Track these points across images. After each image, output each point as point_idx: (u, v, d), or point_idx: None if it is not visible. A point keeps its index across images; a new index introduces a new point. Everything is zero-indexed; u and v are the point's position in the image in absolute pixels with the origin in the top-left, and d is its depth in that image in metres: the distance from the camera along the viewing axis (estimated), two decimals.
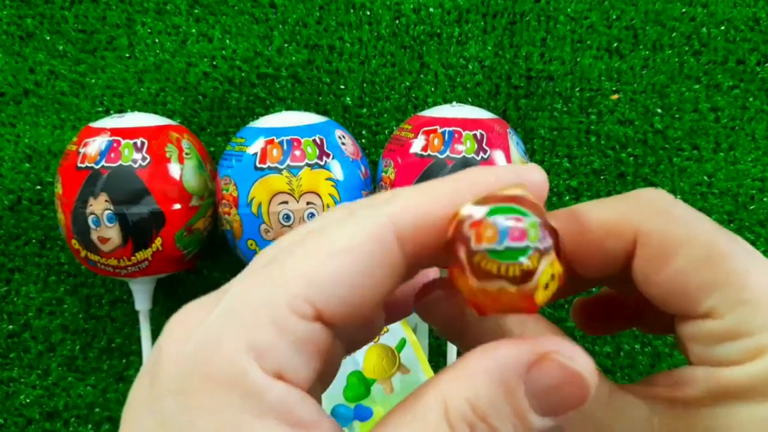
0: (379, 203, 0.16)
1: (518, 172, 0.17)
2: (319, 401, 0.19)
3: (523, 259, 0.15)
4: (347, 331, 0.18)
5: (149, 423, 0.14)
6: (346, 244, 0.15)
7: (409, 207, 0.16)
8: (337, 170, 0.38)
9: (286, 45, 0.46)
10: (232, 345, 0.14)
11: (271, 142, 0.37)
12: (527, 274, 0.15)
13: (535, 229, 0.15)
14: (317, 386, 0.18)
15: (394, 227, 0.16)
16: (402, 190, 0.17)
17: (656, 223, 0.17)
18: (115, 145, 0.38)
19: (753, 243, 0.44)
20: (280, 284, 0.15)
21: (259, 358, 0.14)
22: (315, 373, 0.15)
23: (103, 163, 0.37)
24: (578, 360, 0.15)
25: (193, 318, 0.15)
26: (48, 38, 0.47)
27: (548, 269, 0.15)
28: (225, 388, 0.14)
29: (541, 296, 0.15)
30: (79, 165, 0.38)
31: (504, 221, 0.15)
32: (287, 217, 0.37)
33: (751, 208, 0.44)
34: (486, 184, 0.16)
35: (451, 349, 0.43)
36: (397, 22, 0.46)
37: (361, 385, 0.39)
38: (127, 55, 0.47)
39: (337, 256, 0.15)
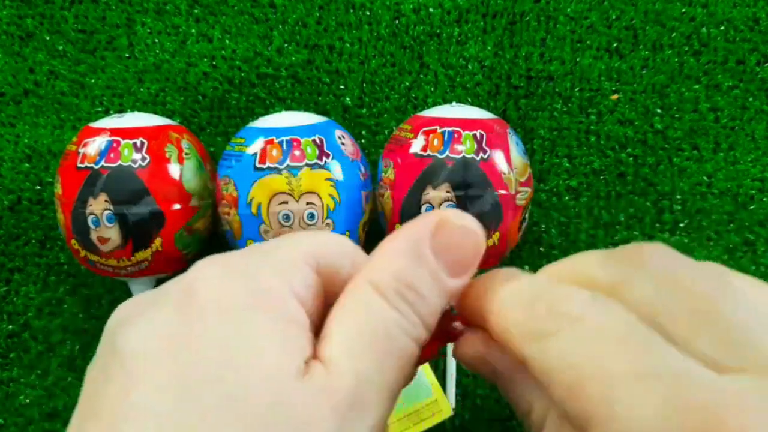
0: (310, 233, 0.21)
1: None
2: None
3: None
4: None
5: (205, 334, 0.16)
6: (338, 237, 0.20)
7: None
8: (336, 170, 0.38)
9: (285, 45, 0.46)
10: (268, 274, 0.17)
11: (271, 142, 0.37)
12: None
13: None
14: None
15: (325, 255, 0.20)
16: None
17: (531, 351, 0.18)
18: (114, 145, 0.38)
19: (753, 243, 0.44)
20: (293, 245, 0.19)
21: (290, 286, 0.17)
22: (317, 316, 0.19)
23: (102, 163, 0.37)
24: (468, 220, 0.19)
25: (222, 262, 0.18)
26: (48, 38, 0.47)
27: None
28: (268, 301, 0.17)
29: None
30: (79, 165, 0.38)
31: None
32: (287, 218, 0.37)
33: (751, 208, 0.44)
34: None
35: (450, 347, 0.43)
36: (397, 22, 0.46)
37: None
38: (127, 55, 0.47)
39: (334, 239, 0.20)
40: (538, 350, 0.16)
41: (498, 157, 0.37)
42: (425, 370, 0.41)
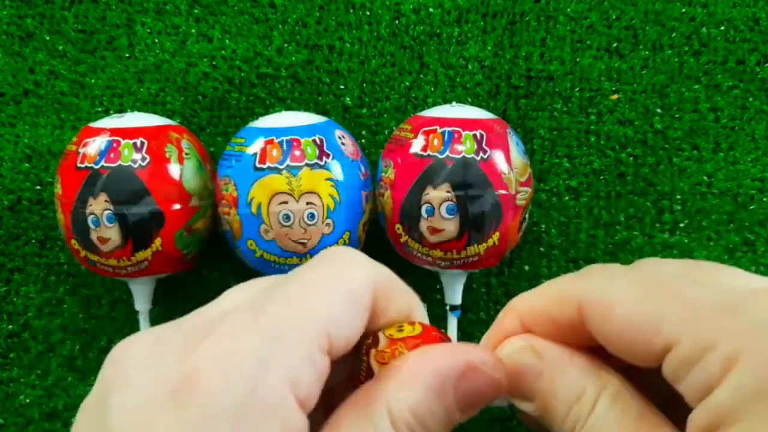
0: (361, 262, 0.19)
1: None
2: None
3: None
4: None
5: None
6: (348, 288, 0.18)
7: (385, 277, 0.20)
8: (336, 170, 0.38)
9: (285, 45, 0.46)
10: (277, 381, 0.16)
11: (271, 142, 0.37)
12: None
13: None
14: None
15: (375, 288, 0.19)
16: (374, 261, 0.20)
17: (593, 284, 0.19)
18: (114, 145, 0.38)
19: (753, 243, 0.44)
20: (307, 317, 0.17)
21: (295, 389, 0.16)
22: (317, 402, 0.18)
23: (102, 163, 0.37)
24: (499, 369, 0.19)
25: (228, 343, 0.16)
26: (48, 38, 0.47)
27: None
28: (270, 418, 0.15)
29: None
30: (79, 165, 0.38)
31: None
32: (287, 218, 0.37)
33: (751, 208, 0.44)
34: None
35: None
36: (397, 22, 0.46)
37: None
38: (127, 55, 0.47)
39: (343, 301, 0.18)
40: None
41: (498, 157, 0.37)
42: None
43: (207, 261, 0.46)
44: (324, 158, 0.37)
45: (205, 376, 0.15)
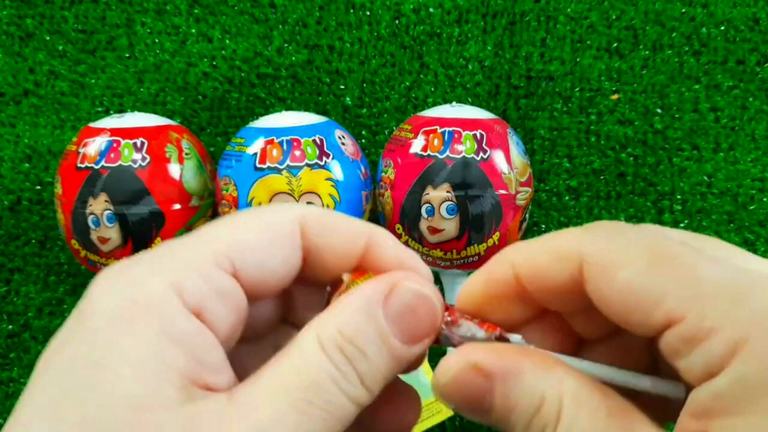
0: (288, 205, 0.20)
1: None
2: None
3: None
4: (259, 307, 0.21)
5: (78, 347, 0.16)
6: (269, 219, 0.18)
7: (319, 212, 0.19)
8: (336, 170, 0.38)
9: (286, 45, 0.46)
10: (157, 281, 0.16)
11: (271, 142, 0.37)
12: None
13: None
14: (239, 349, 0.20)
15: (304, 223, 0.19)
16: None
17: (597, 242, 0.18)
18: (114, 145, 0.38)
19: (753, 243, 0.44)
20: (206, 242, 0.17)
21: (180, 294, 0.16)
22: (231, 328, 0.18)
23: (102, 163, 0.37)
24: (426, 287, 0.18)
25: (119, 268, 0.17)
26: (48, 38, 0.47)
27: None
28: (147, 314, 0.16)
29: None
30: (79, 165, 0.38)
31: None
32: None
33: (751, 208, 0.44)
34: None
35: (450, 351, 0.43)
36: (397, 22, 0.46)
37: None
38: (127, 55, 0.47)
39: (257, 229, 0.18)
40: None
41: (498, 157, 0.37)
42: (425, 370, 0.41)
43: None
44: (324, 158, 0.37)
45: (95, 288, 0.17)
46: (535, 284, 0.19)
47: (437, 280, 0.42)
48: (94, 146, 0.38)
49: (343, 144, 0.39)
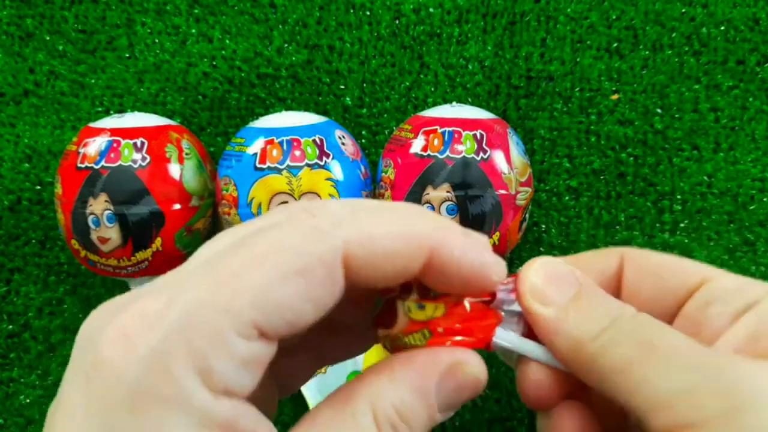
0: (333, 222, 0.17)
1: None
2: (272, 398, 0.21)
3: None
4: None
5: None
6: (299, 266, 0.16)
7: (364, 235, 0.17)
8: (337, 170, 0.38)
9: (286, 45, 0.46)
10: (181, 369, 0.15)
11: (271, 142, 0.37)
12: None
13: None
14: (269, 385, 0.20)
15: (345, 253, 0.16)
16: (358, 211, 0.17)
17: (634, 250, 0.23)
18: (114, 145, 0.38)
19: (753, 243, 0.44)
20: (230, 309, 0.15)
21: (207, 380, 0.15)
22: (258, 383, 0.16)
23: (102, 163, 0.37)
24: (482, 370, 0.19)
25: (134, 321, 0.15)
26: (48, 38, 0.47)
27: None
28: (174, 409, 0.15)
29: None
30: (79, 165, 0.38)
31: None
32: None
33: (751, 208, 0.44)
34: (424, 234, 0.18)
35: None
36: (397, 22, 0.46)
37: None
38: (127, 55, 0.47)
39: (288, 281, 0.16)
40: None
41: (498, 157, 0.37)
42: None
43: None
44: (324, 158, 0.37)
45: (108, 362, 0.15)
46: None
47: None
48: (94, 146, 0.38)
49: (343, 144, 0.39)
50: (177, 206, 0.38)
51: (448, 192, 0.37)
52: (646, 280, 0.21)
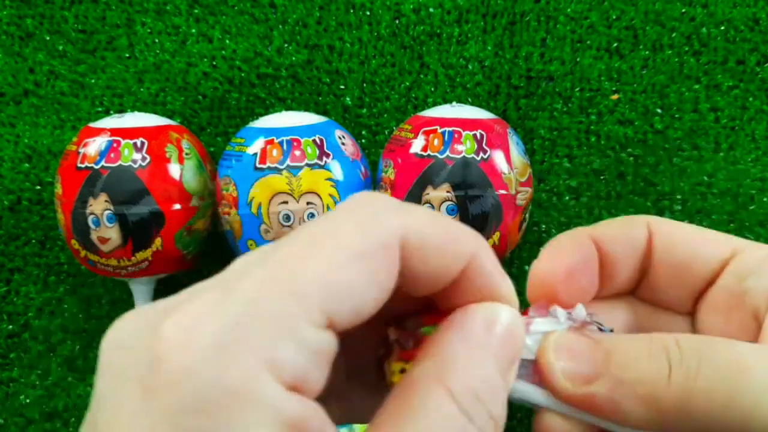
0: (387, 209, 0.16)
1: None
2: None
3: None
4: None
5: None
6: (361, 249, 0.15)
7: (419, 224, 0.16)
8: (337, 170, 0.38)
9: (286, 45, 0.46)
10: (249, 361, 0.14)
11: (271, 142, 0.37)
12: None
13: None
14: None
15: (401, 240, 0.16)
16: (407, 204, 0.17)
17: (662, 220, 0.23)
18: (114, 145, 0.38)
19: None
20: (297, 292, 0.14)
21: (276, 373, 0.14)
22: (325, 380, 0.15)
23: (102, 163, 0.37)
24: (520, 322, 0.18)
25: (193, 314, 0.14)
26: (48, 38, 0.47)
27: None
28: (244, 406, 0.13)
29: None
30: (79, 165, 0.38)
31: None
32: (287, 218, 0.37)
33: (751, 208, 0.44)
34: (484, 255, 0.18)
35: None
36: (397, 22, 0.46)
37: None
38: (127, 55, 0.47)
39: (352, 263, 0.15)
40: None
41: (498, 157, 0.37)
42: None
43: (207, 261, 0.46)
44: (324, 158, 0.37)
45: (167, 366, 0.14)
46: (608, 240, 0.22)
47: None
48: (94, 146, 0.38)
49: (343, 144, 0.39)
50: (177, 206, 0.38)
51: (448, 192, 0.37)
52: (677, 250, 0.21)
